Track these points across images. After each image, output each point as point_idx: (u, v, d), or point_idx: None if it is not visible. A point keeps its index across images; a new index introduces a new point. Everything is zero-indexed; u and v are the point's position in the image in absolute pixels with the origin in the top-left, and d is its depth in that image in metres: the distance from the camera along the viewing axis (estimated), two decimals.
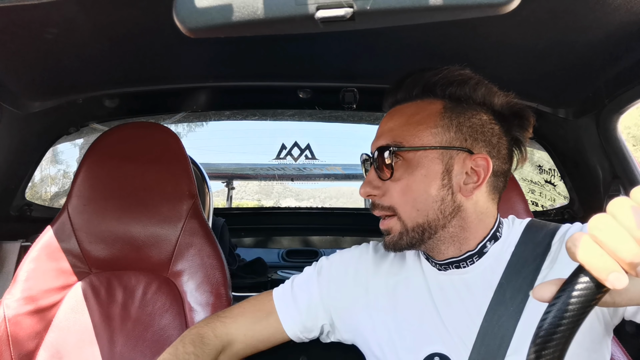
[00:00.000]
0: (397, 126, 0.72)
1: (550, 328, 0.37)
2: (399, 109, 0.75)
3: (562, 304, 0.37)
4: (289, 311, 0.82)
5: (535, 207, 2.02)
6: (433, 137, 0.70)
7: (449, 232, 0.71)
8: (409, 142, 0.70)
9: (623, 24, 0.77)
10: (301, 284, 0.85)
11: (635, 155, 1.15)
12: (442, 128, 0.70)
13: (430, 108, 0.72)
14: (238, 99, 1.49)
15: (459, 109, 0.71)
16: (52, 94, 1.13)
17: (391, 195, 0.71)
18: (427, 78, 0.73)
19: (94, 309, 1.02)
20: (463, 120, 0.70)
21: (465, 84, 0.72)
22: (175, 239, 1.07)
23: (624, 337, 1.15)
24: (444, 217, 0.70)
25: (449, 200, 0.69)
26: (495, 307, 0.68)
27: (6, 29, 0.75)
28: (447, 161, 0.69)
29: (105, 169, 1.07)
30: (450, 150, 0.69)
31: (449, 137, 0.70)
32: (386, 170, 0.71)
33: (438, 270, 0.74)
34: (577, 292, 0.37)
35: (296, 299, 0.82)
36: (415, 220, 0.70)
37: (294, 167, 2.59)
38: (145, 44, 0.91)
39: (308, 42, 0.95)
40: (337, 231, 2.20)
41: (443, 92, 0.72)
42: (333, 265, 0.85)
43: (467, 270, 0.72)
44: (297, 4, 0.41)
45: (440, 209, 0.69)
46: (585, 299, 0.36)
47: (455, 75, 0.72)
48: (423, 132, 0.70)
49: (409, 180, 0.70)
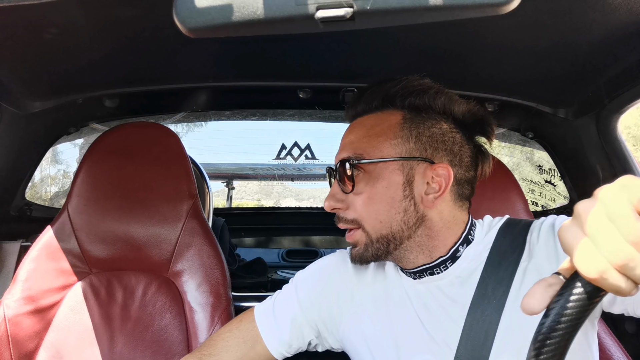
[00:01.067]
0: (357, 138, 0.72)
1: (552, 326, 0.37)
2: (359, 122, 0.75)
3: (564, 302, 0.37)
4: (274, 336, 0.79)
5: (535, 207, 2.02)
6: (393, 148, 0.70)
7: (415, 242, 0.71)
8: (369, 154, 0.70)
9: (623, 24, 0.77)
10: (281, 304, 0.82)
11: (635, 155, 1.15)
12: (402, 139, 0.70)
13: (390, 119, 0.72)
14: (238, 99, 1.49)
15: (419, 119, 0.71)
16: (52, 94, 1.13)
17: (355, 208, 0.71)
18: (386, 89, 0.73)
19: (94, 309, 1.02)
20: (422, 130, 0.70)
21: (425, 93, 0.72)
22: (175, 239, 1.07)
23: (624, 337, 1.15)
24: (408, 228, 0.69)
25: (411, 211, 0.69)
26: (478, 301, 0.67)
27: (6, 29, 0.75)
28: (408, 172, 0.69)
29: (105, 169, 1.07)
30: (411, 161, 0.69)
31: (408, 148, 0.70)
32: (348, 183, 0.71)
33: (413, 279, 0.74)
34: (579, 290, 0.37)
35: (278, 322, 0.79)
36: (380, 232, 0.70)
37: (294, 167, 2.59)
38: (145, 44, 0.91)
39: (308, 42, 0.95)
40: (337, 231, 2.19)
41: (402, 103, 0.72)
42: (310, 277, 0.83)
43: (442, 275, 0.71)
44: (297, 4, 0.41)
45: (404, 220, 0.69)
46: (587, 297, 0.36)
47: (415, 85, 0.72)
48: (383, 143, 0.70)
49: (370, 192, 0.70)
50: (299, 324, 0.79)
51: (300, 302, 0.80)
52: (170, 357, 0.99)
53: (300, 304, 0.80)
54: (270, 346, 0.78)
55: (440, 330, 0.69)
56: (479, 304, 0.67)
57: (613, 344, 0.91)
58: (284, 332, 0.78)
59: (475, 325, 0.66)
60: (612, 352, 0.89)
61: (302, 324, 0.79)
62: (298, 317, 0.79)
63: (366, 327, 0.76)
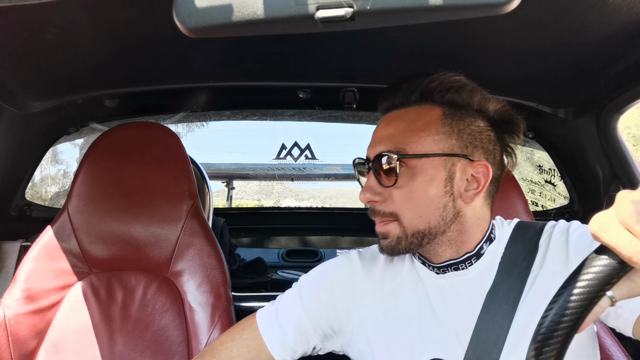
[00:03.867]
0: (398, 132, 0.71)
1: (551, 326, 0.37)
2: (397, 115, 0.74)
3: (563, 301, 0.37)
4: (278, 342, 0.77)
5: (535, 207, 2.02)
6: (435, 144, 0.70)
7: (447, 237, 0.71)
8: (412, 149, 0.70)
9: (623, 24, 0.77)
10: (285, 308, 0.80)
11: (635, 155, 1.15)
12: (444, 135, 0.70)
13: (431, 114, 0.71)
14: (238, 99, 1.49)
15: (458, 116, 0.71)
16: (52, 94, 1.13)
17: (393, 202, 0.71)
18: (425, 83, 0.72)
19: (94, 309, 1.02)
20: (463, 127, 0.71)
21: (462, 90, 0.72)
22: (175, 239, 1.07)
23: (624, 337, 1.15)
24: (444, 224, 0.70)
25: (450, 207, 0.70)
26: (490, 305, 0.68)
27: (6, 29, 0.75)
28: (450, 168, 0.69)
29: (105, 169, 1.07)
30: (453, 157, 0.70)
31: (450, 144, 0.70)
32: (390, 177, 0.70)
33: (436, 274, 0.74)
34: (579, 290, 0.37)
35: (282, 327, 0.78)
36: (417, 227, 0.70)
37: (294, 167, 2.59)
38: (145, 44, 0.91)
39: (308, 42, 0.95)
40: (337, 231, 2.20)
41: (442, 98, 0.72)
42: (314, 281, 0.82)
43: (466, 271, 0.72)
44: (297, 4, 0.41)
45: (442, 215, 0.70)
46: (587, 297, 0.36)
47: (452, 81, 0.72)
48: (425, 138, 0.70)
49: (412, 187, 0.69)
50: (304, 329, 0.78)
51: (305, 307, 0.79)
52: (170, 357, 0.99)
53: (305, 309, 0.78)
54: (275, 353, 0.77)
55: (454, 325, 0.70)
56: (490, 308, 0.68)
57: (613, 344, 0.90)
58: (288, 337, 0.77)
59: (486, 328, 0.67)
60: (612, 352, 0.89)
61: (307, 329, 0.78)
62: (303, 322, 0.78)
63: (371, 325, 0.76)
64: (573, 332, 0.37)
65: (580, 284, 0.37)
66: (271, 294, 1.60)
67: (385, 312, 0.76)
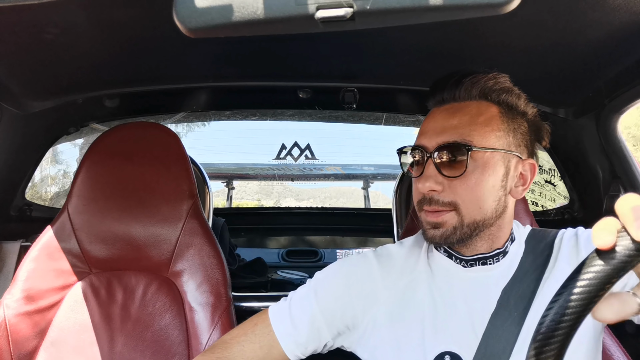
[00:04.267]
0: (463, 124, 0.73)
1: (551, 326, 0.37)
2: (458, 107, 0.75)
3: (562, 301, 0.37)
4: (290, 338, 0.78)
5: (535, 207, 2.02)
6: (497, 139, 0.72)
7: (490, 230, 0.74)
8: (478, 142, 0.71)
9: (623, 24, 0.77)
10: (298, 305, 0.80)
11: (635, 155, 1.15)
12: (503, 132, 0.73)
13: (490, 111, 0.74)
14: (238, 99, 1.49)
15: (510, 116, 0.75)
16: (52, 94, 1.13)
17: (455, 192, 0.72)
18: (484, 82, 0.75)
19: (94, 309, 1.02)
20: (515, 127, 0.75)
21: (512, 92, 0.76)
22: (175, 239, 1.07)
23: (624, 337, 1.15)
24: (495, 217, 0.73)
25: (502, 201, 0.73)
26: (500, 311, 0.70)
27: (6, 29, 0.75)
28: (507, 164, 0.73)
29: (105, 169, 1.07)
30: (509, 154, 0.73)
31: (508, 141, 0.73)
32: (455, 168, 0.71)
33: (463, 267, 0.76)
34: (579, 290, 0.37)
35: (295, 323, 0.78)
36: (474, 217, 0.72)
37: (294, 167, 2.59)
38: (145, 44, 0.91)
39: (308, 42, 0.95)
40: (337, 231, 2.20)
41: (497, 98, 0.75)
42: (330, 278, 0.82)
43: (493, 267, 0.75)
44: (297, 4, 0.41)
45: (496, 208, 0.72)
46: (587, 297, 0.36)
47: (503, 82, 0.76)
48: (489, 133, 0.72)
49: (477, 179, 0.71)
50: (318, 326, 0.78)
51: (320, 304, 0.79)
52: (170, 357, 0.99)
53: (320, 306, 0.79)
54: (287, 349, 0.77)
55: (473, 321, 0.72)
56: (500, 314, 0.70)
57: (613, 344, 0.90)
58: (301, 334, 0.77)
59: (495, 333, 0.69)
60: (612, 352, 0.89)
61: (321, 326, 0.78)
62: (317, 319, 0.78)
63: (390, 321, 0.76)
64: (573, 332, 0.37)
65: (580, 284, 0.37)
66: (271, 294, 1.60)
67: (399, 305, 0.77)
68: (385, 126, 2.03)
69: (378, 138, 2.69)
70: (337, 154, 2.78)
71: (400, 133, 3.17)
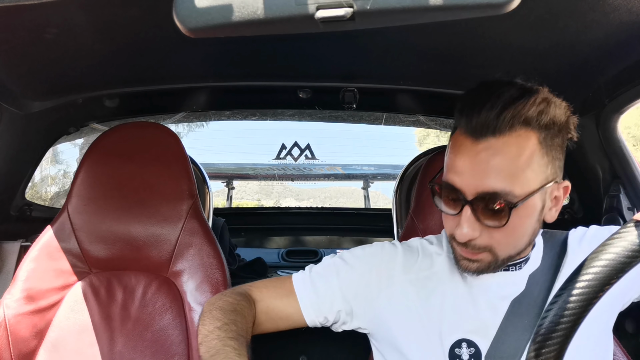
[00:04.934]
0: (504, 170, 0.65)
1: (550, 327, 0.37)
2: (497, 146, 0.66)
3: (562, 302, 0.37)
4: (307, 294, 0.82)
5: None
6: (537, 177, 0.67)
7: (524, 251, 0.74)
8: (520, 189, 0.65)
9: (623, 24, 0.77)
10: (320, 271, 0.85)
11: (635, 155, 1.15)
12: (543, 166, 0.67)
13: (530, 145, 0.66)
14: (238, 99, 1.49)
15: (549, 139, 0.67)
16: (52, 94, 1.13)
17: (491, 237, 0.68)
18: (526, 109, 0.66)
19: (94, 308, 1.02)
20: (555, 153, 0.69)
21: (549, 106, 0.67)
22: (175, 238, 1.07)
23: (624, 337, 1.15)
24: (528, 245, 0.72)
25: (537, 230, 0.72)
26: (511, 317, 0.71)
27: (6, 29, 0.75)
28: (544, 198, 0.69)
29: (105, 169, 1.07)
30: (547, 187, 0.68)
31: (547, 175, 0.68)
32: (496, 218, 0.66)
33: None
34: (578, 291, 0.37)
35: (315, 284, 0.83)
36: (509, 254, 0.71)
37: (294, 167, 2.59)
38: (145, 44, 0.91)
39: (308, 42, 0.95)
40: (337, 231, 2.20)
41: (538, 124, 0.67)
42: (355, 257, 0.85)
43: (515, 274, 0.75)
44: (297, 4, 0.41)
45: (530, 239, 0.71)
46: (586, 298, 0.36)
47: (542, 99, 0.67)
48: (529, 175, 0.66)
49: (517, 224, 0.67)
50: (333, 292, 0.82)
51: (339, 277, 0.83)
52: (170, 357, 0.99)
53: (340, 278, 0.82)
54: (302, 302, 0.82)
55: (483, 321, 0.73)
56: (512, 320, 0.71)
57: (613, 344, 0.90)
58: (318, 293, 0.82)
59: (505, 339, 0.70)
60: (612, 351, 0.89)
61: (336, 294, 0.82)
62: (334, 287, 0.82)
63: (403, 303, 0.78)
64: (573, 332, 0.37)
65: (580, 284, 0.37)
66: None
67: (418, 292, 0.78)
68: (385, 126, 2.03)
69: (378, 138, 2.69)
70: (337, 154, 2.78)
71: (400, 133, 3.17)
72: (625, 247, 0.36)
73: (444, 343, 0.72)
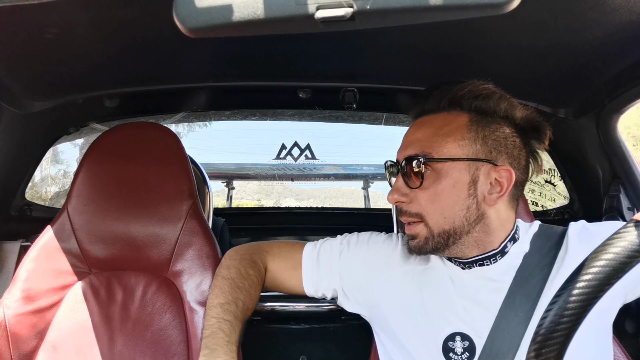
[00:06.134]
0: (426, 137, 0.75)
1: (550, 327, 0.37)
2: (426, 120, 0.78)
3: (562, 302, 0.37)
4: (310, 269, 0.90)
5: (535, 207, 2.02)
6: (460, 149, 0.73)
7: (472, 237, 0.75)
8: (437, 153, 0.73)
9: (623, 24, 0.77)
10: (327, 248, 0.91)
11: (635, 155, 1.15)
12: (469, 140, 0.74)
13: (458, 121, 0.75)
14: (238, 99, 1.49)
15: (484, 122, 0.75)
16: (52, 94, 1.13)
17: (419, 203, 0.75)
18: (454, 91, 0.76)
19: (93, 309, 1.01)
20: (488, 134, 0.74)
21: (490, 98, 0.75)
22: (175, 239, 1.07)
23: (624, 337, 1.15)
24: (468, 224, 0.74)
25: (473, 209, 0.73)
26: (505, 311, 0.72)
27: (6, 29, 0.75)
28: (474, 172, 0.73)
29: (105, 169, 1.07)
30: (477, 162, 0.73)
31: (475, 149, 0.73)
32: (415, 179, 0.74)
33: (462, 268, 0.78)
34: (578, 291, 0.37)
35: (319, 259, 0.90)
36: (442, 227, 0.74)
37: (294, 167, 2.59)
38: (145, 44, 0.91)
39: (308, 42, 0.95)
40: (337, 231, 2.19)
41: (469, 105, 0.76)
42: (359, 243, 0.91)
43: (491, 267, 0.76)
44: (297, 4, 0.41)
45: (466, 216, 0.73)
46: (586, 298, 0.36)
47: (480, 89, 0.76)
48: (451, 143, 0.74)
49: (437, 189, 0.73)
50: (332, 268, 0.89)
51: (341, 257, 0.89)
52: (170, 357, 0.99)
53: (341, 258, 0.89)
54: (305, 276, 0.90)
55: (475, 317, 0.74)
56: (506, 314, 0.72)
57: (613, 344, 0.90)
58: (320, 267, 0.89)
59: (500, 334, 0.71)
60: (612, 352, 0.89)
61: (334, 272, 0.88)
62: (334, 264, 0.89)
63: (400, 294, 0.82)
64: (573, 332, 0.37)
65: (580, 285, 0.37)
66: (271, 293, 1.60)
67: (414, 287, 0.81)
68: (385, 126, 2.03)
69: (378, 138, 2.69)
70: (337, 154, 2.78)
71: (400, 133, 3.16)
72: (625, 247, 0.36)
73: (438, 335, 0.75)
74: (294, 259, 0.92)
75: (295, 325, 1.66)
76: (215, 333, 0.78)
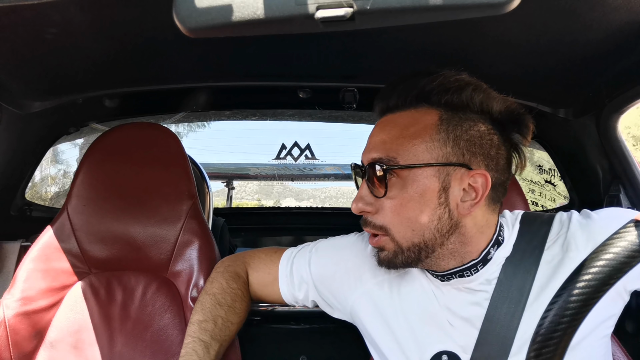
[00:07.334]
0: (390, 139, 0.67)
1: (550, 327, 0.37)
2: (391, 119, 0.69)
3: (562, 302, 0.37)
4: (285, 281, 0.87)
5: (535, 207, 2.02)
6: (429, 152, 0.65)
7: (448, 249, 0.67)
8: (403, 158, 0.65)
9: (623, 24, 0.77)
10: (299, 258, 0.88)
11: (635, 155, 1.15)
12: (439, 142, 0.65)
13: (425, 119, 0.66)
14: (238, 99, 1.49)
15: (456, 120, 0.66)
16: (52, 94, 1.13)
17: (384, 214, 0.67)
18: (422, 85, 0.67)
19: (93, 309, 1.01)
20: (460, 133, 0.65)
21: (462, 90, 0.66)
22: (175, 239, 1.07)
23: (624, 337, 1.15)
24: (441, 236, 0.66)
25: (445, 219, 0.65)
26: (489, 324, 0.66)
27: (6, 29, 0.75)
28: (444, 178, 0.65)
29: (105, 169, 1.07)
30: (447, 167, 0.65)
31: (445, 152, 0.65)
32: (379, 187, 0.66)
33: (441, 281, 0.72)
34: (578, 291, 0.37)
35: (292, 272, 0.87)
36: (411, 240, 0.66)
37: (294, 167, 2.59)
38: (145, 44, 0.91)
39: (308, 42, 0.95)
40: (337, 231, 2.19)
41: (439, 101, 0.67)
42: (327, 252, 0.86)
43: (472, 278, 0.69)
44: (297, 4, 0.41)
45: (437, 228, 0.65)
46: (586, 298, 0.36)
47: (452, 82, 0.67)
48: (418, 146, 0.65)
49: (403, 199, 0.65)
50: (306, 282, 0.86)
51: (311, 269, 0.85)
52: (170, 357, 0.99)
53: (311, 271, 0.85)
54: (282, 290, 0.88)
55: (460, 332, 0.69)
56: (491, 327, 0.66)
57: (613, 344, 0.90)
58: (294, 282, 0.87)
59: (493, 331, 0.65)
60: (612, 351, 0.89)
61: (309, 285, 0.85)
62: (306, 278, 0.85)
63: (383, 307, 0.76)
64: (573, 333, 0.37)
65: (580, 284, 0.37)
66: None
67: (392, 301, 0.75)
68: None
69: None
70: (337, 154, 2.78)
71: None
72: (625, 247, 0.36)
73: (423, 355, 0.69)
74: (271, 274, 0.88)
75: (295, 325, 1.66)
76: (188, 354, 0.74)
